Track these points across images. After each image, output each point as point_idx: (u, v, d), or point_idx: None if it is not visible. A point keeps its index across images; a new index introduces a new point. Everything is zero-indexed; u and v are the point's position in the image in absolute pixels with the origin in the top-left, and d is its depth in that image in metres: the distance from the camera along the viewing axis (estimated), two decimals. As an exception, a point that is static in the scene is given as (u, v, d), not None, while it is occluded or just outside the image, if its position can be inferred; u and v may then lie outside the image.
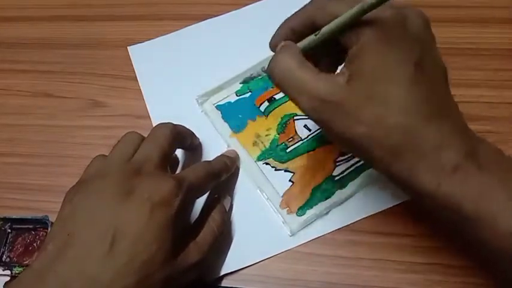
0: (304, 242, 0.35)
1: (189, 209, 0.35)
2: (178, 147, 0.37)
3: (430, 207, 0.24)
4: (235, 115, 0.41)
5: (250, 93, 0.42)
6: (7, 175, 0.40)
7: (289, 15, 0.29)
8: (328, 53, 0.29)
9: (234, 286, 0.34)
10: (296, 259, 0.34)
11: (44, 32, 0.49)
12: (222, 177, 0.35)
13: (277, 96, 0.41)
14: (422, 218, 0.35)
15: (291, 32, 0.28)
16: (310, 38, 0.27)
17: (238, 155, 0.38)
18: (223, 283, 0.34)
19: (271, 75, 0.27)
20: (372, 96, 0.24)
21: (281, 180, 0.37)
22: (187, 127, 0.39)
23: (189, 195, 0.30)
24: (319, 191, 0.36)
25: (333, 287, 0.33)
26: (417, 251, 0.34)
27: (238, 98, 0.42)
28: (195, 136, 0.39)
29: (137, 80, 0.44)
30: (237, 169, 0.38)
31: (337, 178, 0.37)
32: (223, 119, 0.41)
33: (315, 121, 0.26)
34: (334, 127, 0.24)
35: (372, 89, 0.24)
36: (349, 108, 0.24)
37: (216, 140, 0.40)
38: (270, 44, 0.30)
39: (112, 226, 0.27)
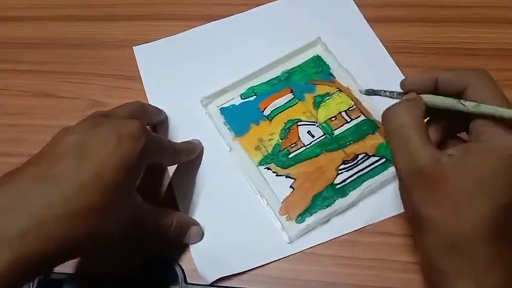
0: (302, 249, 0.35)
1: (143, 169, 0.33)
2: (148, 122, 0.39)
3: None
4: (238, 118, 0.41)
5: (255, 96, 0.42)
6: (7, 175, 0.40)
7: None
8: (449, 118, 0.29)
9: (234, 286, 0.34)
10: (296, 259, 0.34)
11: (44, 32, 0.49)
12: (181, 154, 0.37)
13: (281, 101, 0.41)
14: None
15: (432, 83, 0.28)
16: (449, 101, 0.27)
17: (201, 144, 0.39)
18: (224, 283, 0.34)
19: (386, 120, 0.28)
20: (461, 196, 0.25)
21: (282, 186, 0.37)
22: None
23: (151, 145, 0.31)
24: (319, 198, 0.36)
25: (332, 287, 0.33)
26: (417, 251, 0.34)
27: (242, 101, 0.42)
28: (162, 112, 0.41)
29: (137, 80, 0.44)
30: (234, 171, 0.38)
31: (338, 186, 0.36)
32: (226, 121, 0.41)
33: (404, 182, 0.27)
34: (415, 196, 0.26)
35: (465, 191, 0.25)
36: (437, 190, 0.25)
37: (218, 143, 0.39)
38: (405, 82, 0.30)
39: (80, 144, 0.28)
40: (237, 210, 0.37)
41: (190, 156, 0.38)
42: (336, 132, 0.39)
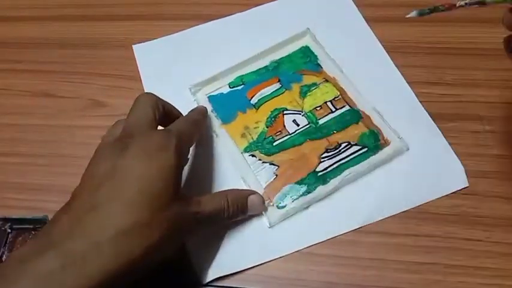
0: (298, 248, 0.34)
1: (186, 156, 0.35)
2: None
3: None
4: (226, 106, 0.41)
5: (243, 85, 0.43)
6: (7, 175, 0.40)
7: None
8: None
9: (233, 286, 0.34)
10: (295, 259, 0.34)
11: (44, 32, 0.49)
12: (202, 122, 0.39)
13: (269, 90, 0.42)
14: (422, 218, 0.35)
15: None
16: None
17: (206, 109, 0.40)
18: (223, 283, 0.34)
19: None
20: None
21: (265, 173, 0.38)
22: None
23: (181, 140, 0.32)
24: (301, 184, 0.37)
25: (332, 287, 0.33)
26: (416, 251, 0.34)
27: (231, 89, 0.42)
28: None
29: (138, 80, 0.44)
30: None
31: (320, 174, 0.37)
32: (214, 109, 0.41)
33: None
34: None
35: None
36: None
37: (205, 130, 0.40)
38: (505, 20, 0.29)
39: (113, 171, 0.29)
40: None
41: (205, 116, 0.40)
42: (321, 122, 0.40)
